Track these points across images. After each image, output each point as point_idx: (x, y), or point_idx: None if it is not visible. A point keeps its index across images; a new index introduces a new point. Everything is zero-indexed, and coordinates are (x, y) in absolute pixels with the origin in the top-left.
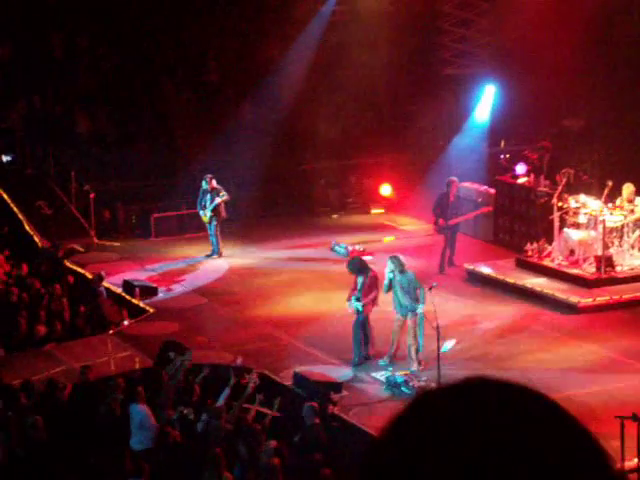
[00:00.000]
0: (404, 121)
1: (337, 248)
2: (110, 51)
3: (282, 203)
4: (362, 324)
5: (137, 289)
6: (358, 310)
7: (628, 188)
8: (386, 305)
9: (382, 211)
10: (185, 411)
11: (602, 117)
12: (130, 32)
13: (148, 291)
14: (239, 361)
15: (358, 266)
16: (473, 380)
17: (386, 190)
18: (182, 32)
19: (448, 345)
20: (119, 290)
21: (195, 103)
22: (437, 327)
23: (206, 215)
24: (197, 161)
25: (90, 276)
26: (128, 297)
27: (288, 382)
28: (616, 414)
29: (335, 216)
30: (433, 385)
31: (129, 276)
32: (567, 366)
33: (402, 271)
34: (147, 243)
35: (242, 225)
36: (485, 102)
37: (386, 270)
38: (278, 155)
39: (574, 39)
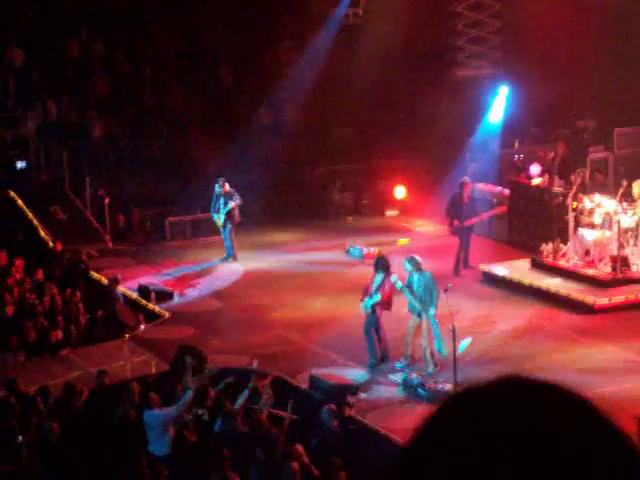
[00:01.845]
0: (418, 123)
1: (352, 250)
2: (124, 57)
3: (297, 206)
4: (374, 324)
5: (153, 293)
6: (370, 308)
7: (639, 185)
8: (398, 308)
9: (397, 213)
10: (200, 412)
11: (616, 117)
12: (143, 38)
13: (164, 295)
14: (255, 364)
15: (383, 264)
16: (507, 378)
17: (400, 192)
18: (195, 36)
19: (464, 344)
20: (135, 295)
21: (209, 107)
22: (453, 329)
23: (220, 219)
24: (211, 165)
25: (106, 281)
26: (144, 301)
27: (304, 385)
28: (634, 414)
29: (350, 219)
30: (450, 387)
31: (144, 280)
32: (583, 366)
33: (419, 270)
34: (162, 247)
35: (257, 228)
36: (499, 103)
37: (405, 271)
38: (292, 158)
39: (587, 40)
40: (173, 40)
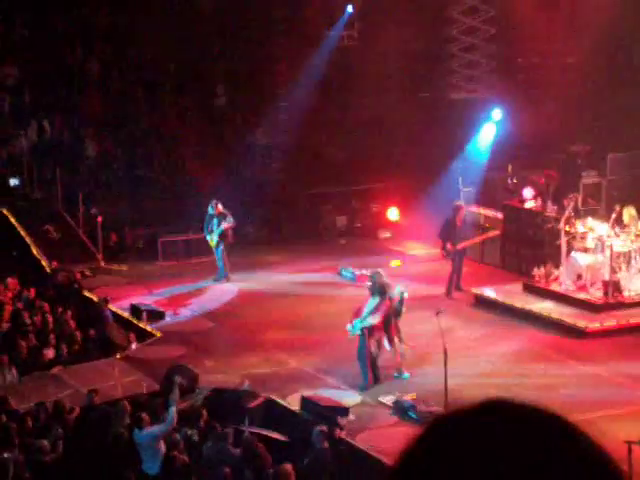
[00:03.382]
0: (411, 145)
1: (344, 273)
2: (119, 76)
3: (290, 227)
4: (367, 347)
5: (144, 313)
6: (360, 331)
7: (628, 211)
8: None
9: (389, 235)
10: (190, 432)
11: (609, 142)
12: (138, 57)
13: (155, 315)
14: (246, 385)
15: (380, 287)
16: (491, 401)
17: (393, 214)
18: (190, 56)
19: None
20: (126, 314)
21: (203, 127)
22: (445, 352)
23: (213, 239)
24: (205, 185)
25: (96, 300)
26: (135, 321)
27: (296, 406)
28: (624, 439)
29: (342, 241)
30: (440, 410)
31: (136, 300)
32: (574, 390)
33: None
34: (154, 267)
35: (249, 249)
36: (492, 126)
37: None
38: (286, 179)
39: (581, 64)
40: (168, 59)
